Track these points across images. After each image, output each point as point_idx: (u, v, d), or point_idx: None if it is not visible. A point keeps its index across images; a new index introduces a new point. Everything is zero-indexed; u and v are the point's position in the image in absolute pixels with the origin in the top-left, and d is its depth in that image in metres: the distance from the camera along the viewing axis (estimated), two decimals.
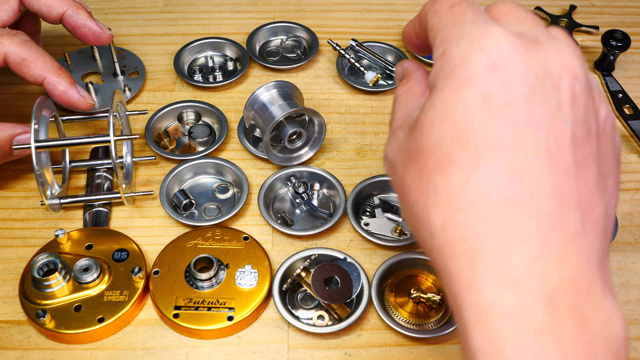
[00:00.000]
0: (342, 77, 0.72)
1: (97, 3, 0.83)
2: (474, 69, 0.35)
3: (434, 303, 0.54)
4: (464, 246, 0.34)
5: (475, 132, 0.34)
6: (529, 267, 0.32)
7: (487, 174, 0.34)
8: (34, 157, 0.56)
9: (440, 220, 0.35)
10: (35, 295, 0.53)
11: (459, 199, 0.34)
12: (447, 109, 0.36)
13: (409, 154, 0.38)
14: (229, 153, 0.66)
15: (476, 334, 0.33)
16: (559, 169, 0.34)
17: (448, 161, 0.35)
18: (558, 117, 0.35)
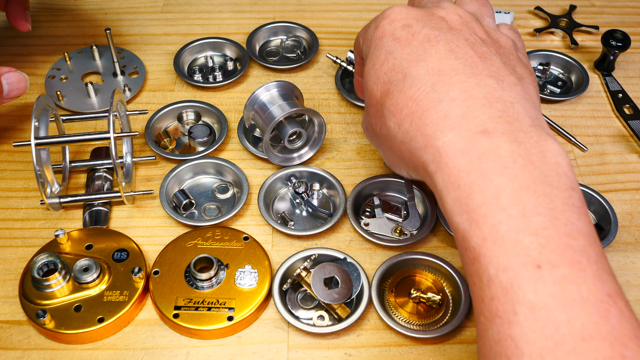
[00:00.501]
0: (342, 93, 0.71)
1: (97, 3, 0.83)
2: (382, 28, 0.51)
3: (434, 303, 0.54)
4: (414, 126, 0.45)
5: (396, 58, 0.49)
6: (462, 116, 0.43)
7: (414, 76, 0.47)
8: (34, 154, 0.56)
9: (396, 122, 0.47)
10: (35, 295, 0.53)
11: (402, 100, 0.47)
12: (374, 57, 0.50)
13: (367, 105, 0.52)
14: (229, 153, 0.66)
15: (438, 177, 0.43)
16: (463, 57, 0.47)
17: (387, 85, 0.49)
18: (451, 33, 0.49)
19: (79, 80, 0.73)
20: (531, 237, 0.38)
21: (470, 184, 0.41)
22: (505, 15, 0.81)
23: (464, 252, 0.41)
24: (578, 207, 0.40)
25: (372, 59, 0.51)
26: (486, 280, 0.38)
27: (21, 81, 0.63)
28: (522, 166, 0.40)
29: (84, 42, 0.78)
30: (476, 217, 0.40)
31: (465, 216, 0.40)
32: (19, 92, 0.63)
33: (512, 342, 0.36)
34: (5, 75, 0.62)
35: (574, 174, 0.42)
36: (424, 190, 0.61)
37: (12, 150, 0.65)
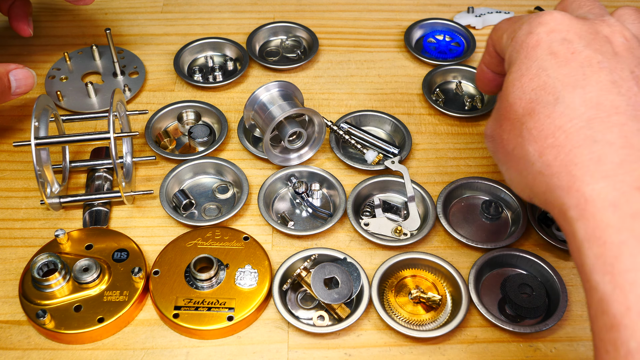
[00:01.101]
0: (335, 152, 0.65)
1: (97, 3, 0.83)
2: (538, 36, 0.45)
3: (434, 303, 0.54)
4: (559, 162, 0.41)
5: (550, 76, 0.43)
6: (619, 165, 0.38)
7: (567, 104, 0.42)
8: (34, 154, 0.56)
9: (537, 150, 0.43)
10: (35, 295, 0.53)
11: (549, 127, 0.42)
12: (523, 68, 0.45)
13: (501, 116, 0.47)
14: (229, 153, 0.66)
15: (580, 226, 0.38)
16: (627, 94, 0.41)
17: (533, 104, 0.44)
18: (616, 60, 0.43)
19: (79, 80, 0.73)
20: None
21: (619, 244, 0.36)
22: (505, 15, 0.81)
23: (599, 315, 0.37)
24: None
25: (521, 70, 0.45)
26: (624, 353, 0.35)
27: (28, 77, 0.63)
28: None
29: (84, 42, 0.78)
30: (622, 283, 0.36)
31: (608, 277, 0.36)
32: (26, 89, 0.63)
33: None
34: (13, 72, 0.62)
35: None
36: (424, 190, 0.61)
37: (12, 150, 0.66)
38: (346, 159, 0.64)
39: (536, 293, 0.54)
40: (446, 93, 0.73)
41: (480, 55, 0.70)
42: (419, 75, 0.74)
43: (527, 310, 0.53)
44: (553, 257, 0.58)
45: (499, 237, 0.60)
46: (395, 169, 0.63)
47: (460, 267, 0.57)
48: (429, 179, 0.64)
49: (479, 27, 0.80)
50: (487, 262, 0.56)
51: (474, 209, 0.62)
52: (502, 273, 0.57)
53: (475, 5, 0.83)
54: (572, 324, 0.54)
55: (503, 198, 0.62)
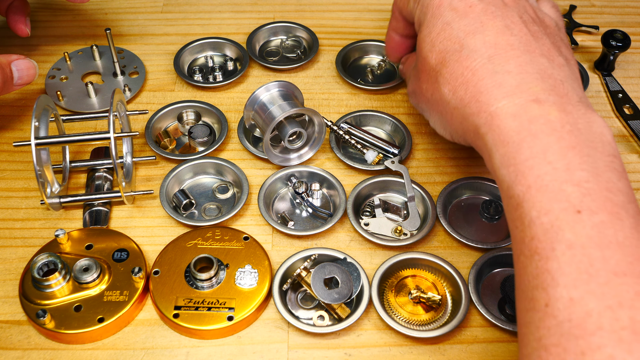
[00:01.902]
0: (335, 152, 0.65)
1: (97, 3, 0.83)
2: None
3: (434, 303, 0.54)
4: (469, 94, 0.49)
5: (453, 28, 0.51)
6: (516, 86, 0.47)
7: (471, 48, 0.50)
8: (34, 154, 0.56)
9: (450, 89, 0.50)
10: (35, 295, 0.53)
11: (458, 69, 0.50)
12: (431, 25, 0.53)
13: (418, 71, 0.55)
14: (229, 153, 0.66)
15: (489, 138, 0.46)
16: (518, 34, 0.50)
17: (443, 54, 0.51)
18: (506, 9, 0.52)
19: (79, 80, 0.73)
20: (573, 187, 0.41)
21: (519, 141, 0.44)
22: None
23: (507, 201, 0.44)
24: (619, 172, 0.43)
25: (429, 27, 0.53)
26: (527, 222, 0.41)
27: (30, 68, 0.63)
28: (569, 131, 0.44)
29: (84, 42, 0.78)
30: (522, 169, 0.43)
31: (512, 169, 0.44)
32: (28, 79, 0.64)
33: (548, 274, 0.39)
34: (15, 63, 0.62)
35: (616, 145, 0.45)
36: (424, 190, 0.61)
37: (12, 150, 0.66)
38: (346, 159, 0.64)
39: None
40: None
41: None
42: None
43: None
44: None
45: (499, 237, 0.60)
46: (395, 169, 0.63)
47: (460, 267, 0.57)
48: (429, 179, 0.64)
49: None
50: (487, 262, 0.56)
51: (474, 209, 0.62)
52: (502, 273, 0.57)
53: None
54: None
55: None
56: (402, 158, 0.64)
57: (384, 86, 0.72)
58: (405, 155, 0.65)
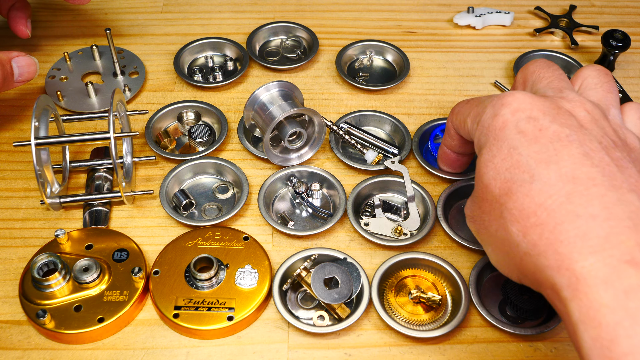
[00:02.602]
0: (335, 152, 0.65)
1: (97, 3, 0.83)
2: (503, 117, 0.45)
3: (434, 303, 0.54)
4: (544, 240, 0.40)
5: (522, 155, 0.43)
6: (605, 239, 0.38)
7: (544, 180, 0.42)
8: (34, 154, 0.56)
9: (520, 230, 0.42)
10: (35, 295, 0.53)
11: (529, 206, 0.42)
12: (494, 150, 0.45)
13: (478, 197, 0.47)
14: (229, 153, 0.66)
15: (574, 307, 0.38)
16: (600, 165, 0.41)
17: (509, 184, 0.43)
18: (583, 132, 0.43)
19: (79, 80, 0.73)
20: None
21: (614, 325, 0.36)
22: (505, 15, 0.81)
23: None
24: None
25: (492, 151, 0.45)
26: None
27: (31, 65, 0.63)
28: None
29: (84, 42, 0.78)
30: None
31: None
32: (29, 76, 0.64)
33: None
34: (16, 59, 0.62)
35: None
36: (424, 190, 0.61)
37: (12, 150, 0.66)
38: (346, 159, 0.64)
39: (537, 294, 0.54)
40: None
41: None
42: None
43: (528, 311, 0.53)
44: None
45: None
46: (395, 169, 0.63)
47: (460, 267, 0.57)
48: (428, 179, 0.64)
49: (479, 27, 0.80)
50: (487, 263, 0.56)
51: None
52: (502, 274, 0.57)
53: (475, 5, 0.83)
54: None
55: None
56: (402, 158, 0.64)
57: (384, 86, 0.72)
58: (405, 155, 0.65)
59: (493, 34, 0.81)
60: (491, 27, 0.81)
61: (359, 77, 0.74)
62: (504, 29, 0.81)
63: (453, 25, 0.81)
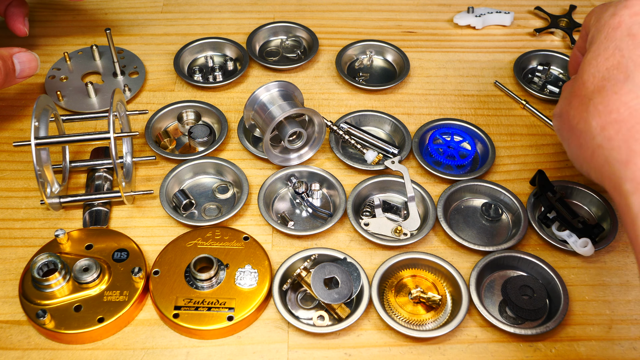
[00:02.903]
0: (335, 152, 0.65)
1: (97, 3, 0.83)
2: (621, 18, 0.47)
3: (434, 303, 0.54)
4: (621, 135, 0.42)
5: (624, 56, 0.45)
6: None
7: (636, 82, 0.43)
8: (34, 154, 0.56)
9: (600, 124, 0.44)
10: (35, 295, 0.53)
11: (614, 103, 0.43)
12: (601, 48, 0.47)
13: (572, 93, 0.49)
14: (229, 153, 0.66)
15: (635, 200, 0.40)
16: None
17: (604, 82, 0.45)
18: None
19: (79, 80, 0.73)
20: None
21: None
22: (505, 15, 0.81)
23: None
24: None
25: (598, 49, 0.48)
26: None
27: (32, 60, 0.64)
28: None
29: (84, 42, 0.78)
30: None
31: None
32: (30, 72, 0.64)
33: None
34: (17, 55, 0.63)
35: None
36: (424, 190, 0.61)
37: (12, 150, 0.66)
38: (346, 159, 0.64)
39: (537, 295, 0.54)
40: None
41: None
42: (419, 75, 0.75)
43: (529, 312, 0.53)
44: (553, 258, 0.58)
45: (499, 239, 0.60)
46: (395, 169, 0.63)
47: (460, 267, 0.57)
48: (429, 179, 0.64)
49: (479, 27, 0.80)
50: (487, 264, 0.56)
51: (474, 212, 0.62)
52: (503, 275, 0.57)
53: (475, 5, 0.83)
54: (573, 325, 0.54)
55: (503, 200, 0.62)
56: (402, 158, 0.64)
57: (384, 86, 0.72)
58: (405, 155, 0.65)
59: (493, 34, 0.81)
60: (491, 27, 0.81)
61: (359, 77, 0.75)
62: (504, 29, 0.81)
63: (453, 25, 0.81)
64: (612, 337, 0.53)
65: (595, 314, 0.55)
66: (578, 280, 0.57)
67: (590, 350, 0.53)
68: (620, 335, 0.53)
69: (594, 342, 0.53)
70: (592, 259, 0.58)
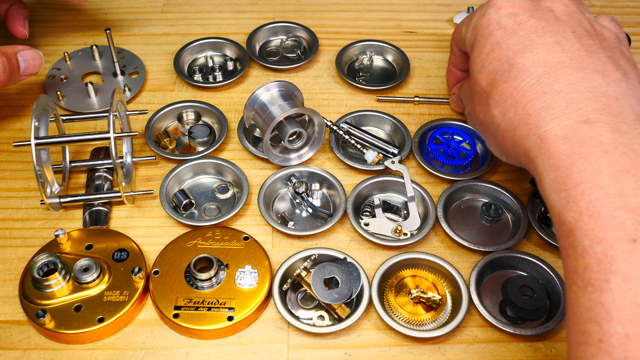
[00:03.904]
0: (335, 152, 0.65)
1: (97, 3, 0.83)
2: (489, 16, 0.52)
3: (434, 303, 0.54)
4: (518, 116, 0.47)
5: (502, 48, 0.50)
6: (565, 107, 0.45)
7: (519, 67, 0.48)
8: (34, 154, 0.56)
9: (500, 112, 0.49)
10: (35, 295, 0.53)
11: (507, 89, 0.48)
12: (481, 46, 0.52)
13: (472, 93, 0.54)
14: (229, 153, 0.66)
15: (539, 162, 0.45)
16: (570, 50, 0.48)
17: (493, 75, 0.50)
18: (558, 24, 0.50)
19: (79, 80, 0.73)
20: (628, 214, 0.39)
21: (569, 165, 0.42)
22: None
23: (559, 228, 0.42)
24: None
25: (478, 48, 0.52)
26: (580, 251, 0.40)
27: (36, 58, 0.64)
28: (622, 153, 0.41)
29: (84, 42, 0.78)
30: (573, 195, 0.41)
31: (562, 194, 0.42)
32: (34, 69, 0.64)
33: (602, 308, 0.37)
34: (21, 53, 0.63)
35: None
36: (424, 190, 0.61)
37: (12, 150, 0.66)
38: (346, 159, 0.64)
39: (537, 295, 0.54)
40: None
41: None
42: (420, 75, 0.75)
43: (529, 312, 0.53)
44: (553, 258, 0.58)
45: (499, 239, 0.60)
46: (395, 169, 0.63)
47: (460, 267, 0.57)
48: (428, 179, 0.64)
49: None
50: (487, 264, 0.56)
51: (474, 212, 0.62)
52: (503, 275, 0.57)
53: (475, 5, 0.83)
54: None
55: (503, 200, 0.62)
56: (402, 158, 0.64)
57: (384, 86, 0.72)
58: (405, 155, 0.65)
59: None
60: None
61: (359, 77, 0.75)
62: None
63: (453, 25, 0.81)
64: None
65: None
66: None
67: None
68: None
69: None
70: None
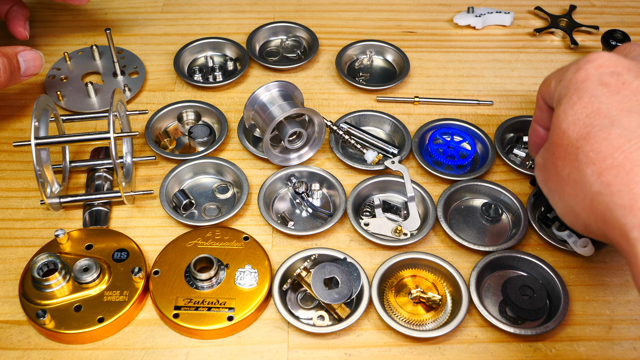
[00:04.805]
0: (335, 152, 0.65)
1: (97, 3, 0.83)
2: (587, 71, 0.47)
3: (434, 303, 0.54)
4: (619, 179, 0.41)
5: (603, 103, 0.45)
6: None
7: (624, 126, 0.43)
8: (34, 154, 0.56)
9: (595, 171, 0.43)
10: (35, 295, 0.53)
11: (607, 149, 0.43)
12: (575, 98, 0.46)
13: (553, 144, 0.48)
14: (229, 153, 0.66)
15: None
16: None
17: (588, 129, 0.44)
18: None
19: (79, 80, 0.73)
20: None
21: None
22: (505, 15, 0.81)
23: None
24: None
25: (572, 100, 0.47)
26: None
27: (37, 59, 0.64)
28: None
29: (84, 42, 0.78)
30: None
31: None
32: (35, 70, 0.64)
33: None
34: (22, 54, 0.63)
35: None
36: (424, 190, 0.61)
37: (12, 150, 0.66)
38: (346, 159, 0.64)
39: (537, 295, 0.54)
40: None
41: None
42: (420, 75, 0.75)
43: (529, 312, 0.53)
44: (553, 258, 0.58)
45: (499, 239, 0.60)
46: (395, 169, 0.63)
47: (460, 267, 0.57)
48: (428, 179, 0.64)
49: (479, 27, 0.80)
50: (487, 264, 0.56)
51: (474, 212, 0.62)
52: (503, 275, 0.57)
53: (475, 5, 0.83)
54: (572, 325, 0.54)
55: (503, 200, 0.62)
56: (402, 158, 0.64)
57: (384, 86, 0.72)
58: (405, 155, 0.65)
59: (493, 34, 0.81)
60: (491, 27, 0.81)
61: (359, 77, 0.75)
62: (504, 29, 0.81)
63: (453, 25, 0.81)
64: (612, 337, 0.53)
65: (595, 314, 0.55)
66: (578, 280, 0.57)
67: (590, 351, 0.53)
68: (620, 335, 0.53)
69: (594, 342, 0.53)
70: (592, 259, 0.58)
